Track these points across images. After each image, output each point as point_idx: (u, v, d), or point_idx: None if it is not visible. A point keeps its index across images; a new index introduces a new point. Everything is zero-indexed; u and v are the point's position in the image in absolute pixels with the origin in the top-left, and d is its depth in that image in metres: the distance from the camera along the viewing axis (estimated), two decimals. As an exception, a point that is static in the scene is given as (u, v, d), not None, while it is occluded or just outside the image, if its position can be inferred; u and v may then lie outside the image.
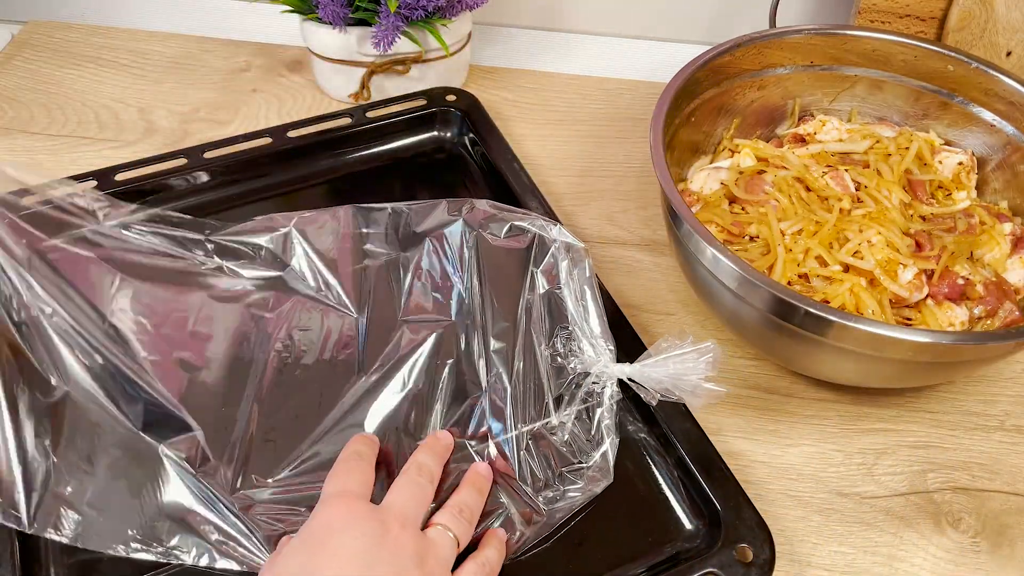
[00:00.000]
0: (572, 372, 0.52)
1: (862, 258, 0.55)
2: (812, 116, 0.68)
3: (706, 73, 0.62)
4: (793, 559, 0.50)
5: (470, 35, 0.80)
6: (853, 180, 0.60)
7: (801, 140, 0.66)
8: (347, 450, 0.47)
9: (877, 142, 0.63)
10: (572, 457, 0.50)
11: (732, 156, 0.65)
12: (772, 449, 0.55)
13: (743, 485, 0.49)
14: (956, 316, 0.55)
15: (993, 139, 0.64)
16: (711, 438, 0.51)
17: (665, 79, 0.60)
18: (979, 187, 0.64)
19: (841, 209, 0.58)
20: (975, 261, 0.58)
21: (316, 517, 0.43)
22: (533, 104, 0.81)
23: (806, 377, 0.59)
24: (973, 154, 0.64)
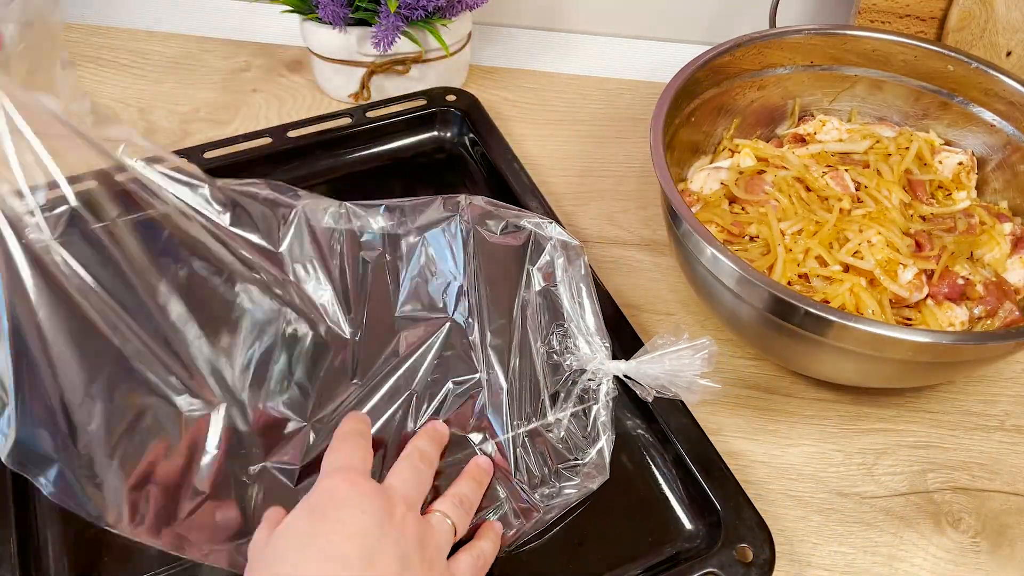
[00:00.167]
0: (568, 369, 0.52)
1: (862, 258, 0.55)
2: (812, 116, 0.68)
3: (706, 73, 0.62)
4: (793, 559, 0.50)
5: (470, 35, 0.80)
6: (853, 180, 0.60)
7: (801, 140, 0.66)
8: (344, 428, 0.46)
9: (877, 142, 0.63)
10: (568, 454, 0.50)
11: (732, 156, 0.65)
12: (772, 449, 0.55)
13: (743, 485, 0.49)
14: (956, 316, 0.55)
15: (993, 139, 0.64)
16: (711, 438, 0.51)
17: (665, 79, 0.60)
18: (979, 187, 0.64)
19: (841, 209, 0.58)
20: (975, 261, 0.58)
21: (319, 489, 0.42)
22: (533, 104, 0.81)
23: (806, 377, 0.59)
24: (973, 154, 0.64)
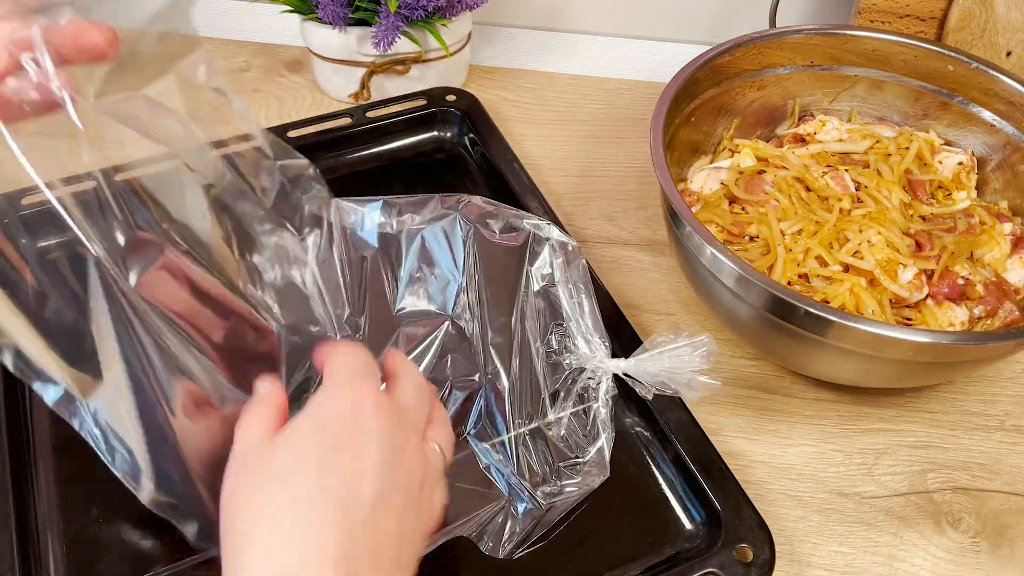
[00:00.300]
0: (568, 368, 0.52)
1: (862, 258, 0.55)
2: (812, 116, 0.68)
3: (706, 73, 0.62)
4: (793, 559, 0.50)
5: (470, 35, 0.80)
6: (853, 180, 0.60)
7: (801, 140, 0.66)
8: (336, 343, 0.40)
9: (877, 142, 0.63)
10: (569, 452, 0.50)
11: (732, 156, 0.65)
12: (772, 449, 0.55)
13: (743, 485, 0.49)
14: (956, 316, 0.55)
15: (993, 139, 0.64)
16: (711, 438, 0.51)
17: (665, 79, 0.60)
18: (979, 187, 0.64)
19: (841, 209, 0.58)
20: (975, 261, 0.58)
21: (331, 401, 0.36)
22: (533, 104, 0.81)
23: (806, 377, 0.59)
24: (973, 154, 0.64)
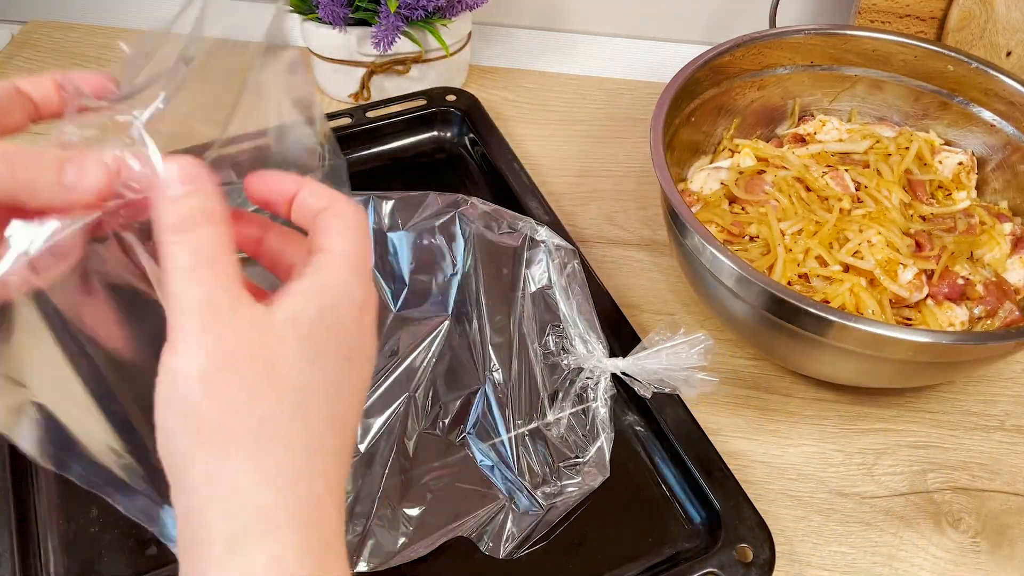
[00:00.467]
0: (566, 368, 0.52)
1: (862, 258, 0.55)
2: (812, 116, 0.68)
3: (706, 73, 0.62)
4: (793, 559, 0.50)
5: (470, 35, 0.80)
6: (853, 180, 0.60)
7: (801, 140, 0.66)
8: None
9: (877, 142, 0.63)
10: (569, 452, 0.50)
11: (732, 156, 0.65)
12: (772, 449, 0.55)
13: (743, 485, 0.49)
14: (956, 316, 0.55)
15: (993, 139, 0.64)
16: (711, 438, 0.51)
17: (665, 79, 0.60)
18: (979, 187, 0.64)
19: (841, 209, 0.58)
20: (975, 261, 0.58)
21: (345, 298, 0.30)
22: (533, 104, 0.81)
23: (806, 377, 0.59)
24: (973, 154, 0.64)
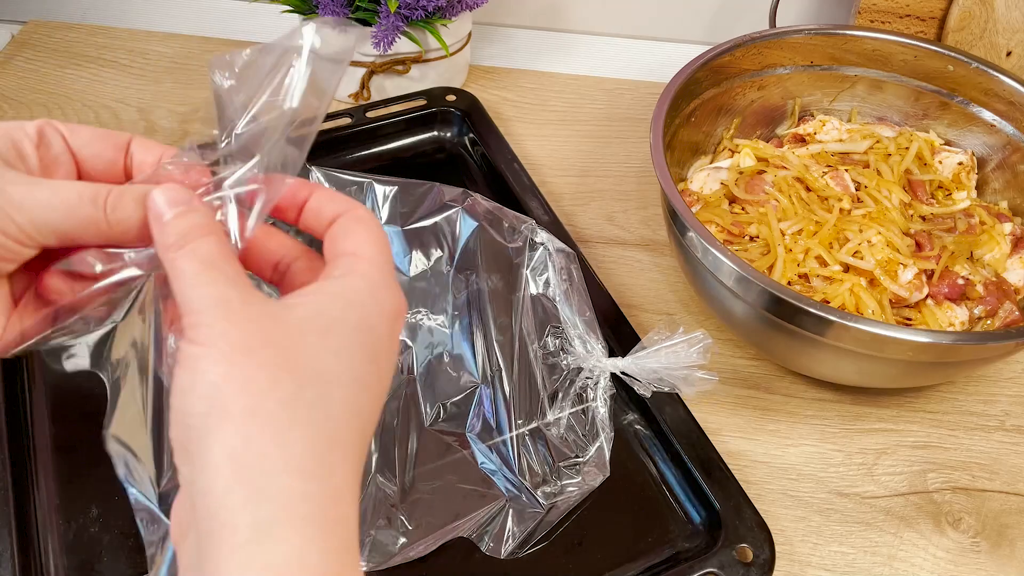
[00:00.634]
0: (566, 368, 0.52)
1: (862, 258, 0.55)
2: (812, 116, 0.68)
3: (706, 73, 0.62)
4: (793, 559, 0.50)
5: (470, 35, 0.80)
6: (853, 180, 0.60)
7: (801, 140, 0.66)
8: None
9: (877, 142, 0.63)
10: (569, 452, 0.50)
11: (732, 156, 0.65)
12: (772, 449, 0.55)
13: (743, 485, 0.49)
14: (956, 316, 0.55)
15: (993, 139, 0.64)
16: (711, 438, 0.51)
17: (665, 79, 0.60)
18: (979, 187, 0.64)
19: (841, 209, 0.58)
20: (975, 261, 0.58)
21: (375, 303, 0.29)
22: (533, 104, 0.81)
23: (806, 377, 0.59)
24: (973, 154, 0.64)
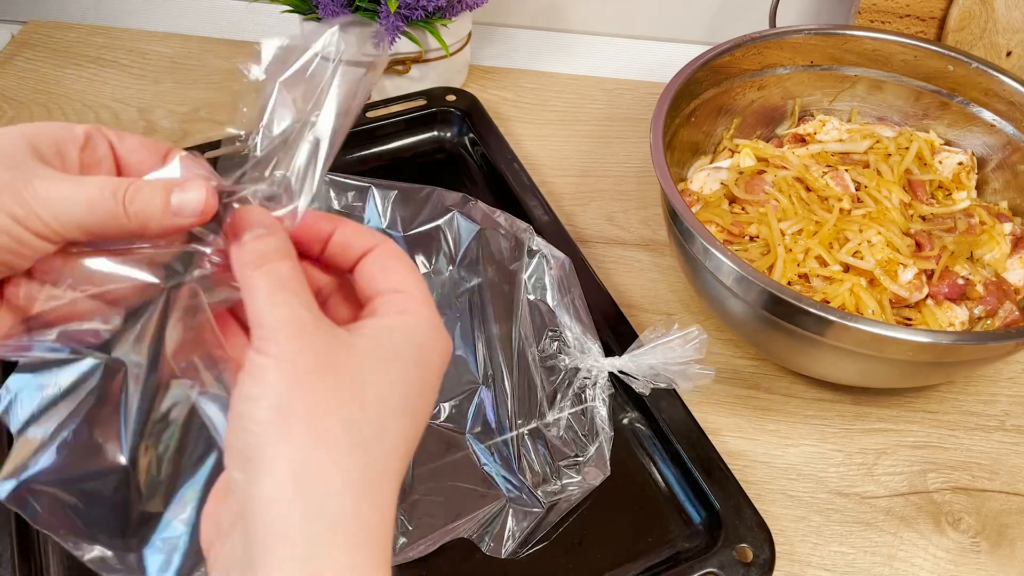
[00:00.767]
0: (564, 369, 0.52)
1: (862, 258, 0.55)
2: (812, 116, 0.68)
3: (706, 73, 0.62)
4: (793, 559, 0.50)
5: (470, 35, 0.80)
6: (853, 180, 0.60)
7: (801, 140, 0.66)
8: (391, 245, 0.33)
9: (877, 142, 0.63)
10: (569, 452, 0.50)
11: (732, 156, 0.65)
12: (772, 449, 0.55)
13: (743, 485, 0.49)
14: (956, 316, 0.55)
15: (993, 139, 0.64)
16: (711, 438, 0.51)
17: (665, 79, 0.60)
18: (979, 187, 0.64)
19: (841, 209, 0.58)
20: (975, 261, 0.58)
21: (430, 339, 0.30)
22: (533, 104, 0.81)
23: (806, 377, 0.59)
24: (973, 154, 0.64)
